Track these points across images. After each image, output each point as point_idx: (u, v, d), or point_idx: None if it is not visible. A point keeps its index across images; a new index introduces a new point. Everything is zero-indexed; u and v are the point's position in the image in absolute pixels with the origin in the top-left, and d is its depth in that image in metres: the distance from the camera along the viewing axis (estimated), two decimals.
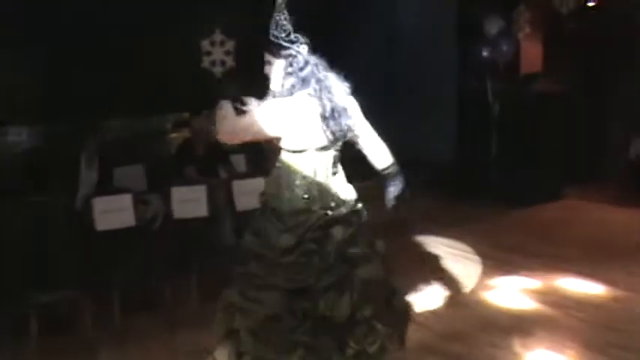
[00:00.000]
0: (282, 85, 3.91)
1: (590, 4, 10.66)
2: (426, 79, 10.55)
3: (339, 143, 3.97)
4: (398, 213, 4.14)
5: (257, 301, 3.84)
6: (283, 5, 3.87)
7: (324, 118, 3.85)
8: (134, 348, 5.49)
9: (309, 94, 3.87)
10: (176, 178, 6.73)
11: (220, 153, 7.37)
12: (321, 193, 3.88)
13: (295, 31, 3.91)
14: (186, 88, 8.53)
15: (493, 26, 9.76)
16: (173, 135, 8.65)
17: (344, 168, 4.07)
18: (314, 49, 3.99)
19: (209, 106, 7.46)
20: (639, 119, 10.08)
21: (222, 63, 9.03)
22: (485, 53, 9.86)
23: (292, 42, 3.89)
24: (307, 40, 3.95)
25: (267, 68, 4.01)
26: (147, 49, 8.18)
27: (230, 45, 8.98)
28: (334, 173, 3.98)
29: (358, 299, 3.86)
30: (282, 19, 3.86)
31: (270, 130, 3.84)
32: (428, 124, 10.61)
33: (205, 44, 8.99)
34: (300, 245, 3.80)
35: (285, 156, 3.91)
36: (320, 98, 3.86)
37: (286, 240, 3.80)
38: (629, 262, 7.23)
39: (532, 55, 10.34)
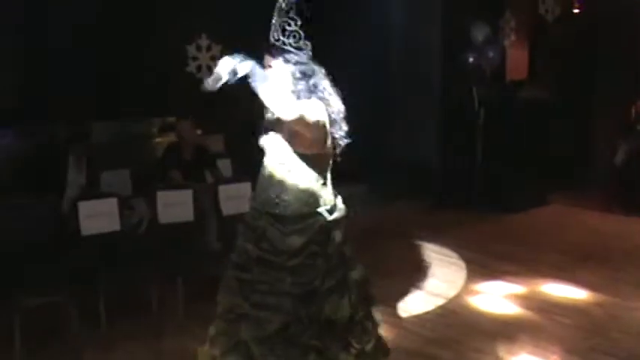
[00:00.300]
0: (294, 91, 3.86)
1: (575, 11, 10.75)
2: (413, 86, 10.57)
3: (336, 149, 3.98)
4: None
5: (265, 307, 3.82)
6: (287, 10, 3.87)
7: (333, 123, 3.87)
8: (120, 352, 5.48)
9: (320, 98, 3.86)
10: (162, 183, 6.71)
11: (207, 157, 7.37)
12: (323, 196, 3.89)
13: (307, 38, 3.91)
14: (172, 92, 8.53)
15: (479, 33, 9.81)
16: (159, 139, 8.64)
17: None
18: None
19: (194, 110, 7.53)
20: (625, 126, 10.12)
21: (209, 68, 9.03)
22: (471, 60, 9.90)
23: (301, 49, 3.89)
24: (311, 48, 3.94)
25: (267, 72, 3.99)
26: (134, 53, 8.18)
27: (217, 50, 8.97)
28: (328, 178, 3.98)
29: (355, 300, 3.90)
30: (293, 24, 3.86)
31: (321, 126, 3.80)
32: (414, 130, 10.63)
33: (191, 49, 8.98)
34: (306, 248, 3.80)
35: (293, 158, 3.86)
36: (329, 105, 3.86)
37: (293, 242, 3.80)
38: (613, 267, 7.29)
39: (518, 61, 10.42)
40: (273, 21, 3.90)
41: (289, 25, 3.86)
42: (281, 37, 3.87)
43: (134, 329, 5.83)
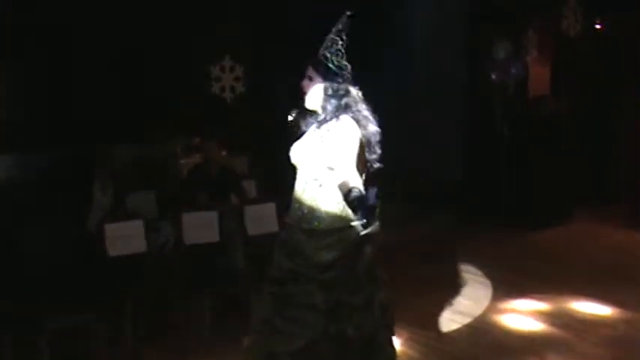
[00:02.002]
0: (323, 107, 3.96)
1: (597, 26, 10.73)
2: (436, 102, 10.58)
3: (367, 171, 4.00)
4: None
5: (295, 322, 3.87)
6: (343, 29, 3.95)
7: (366, 145, 3.92)
8: None
9: (353, 118, 3.92)
10: (187, 204, 6.75)
11: (232, 178, 7.40)
12: (352, 216, 3.90)
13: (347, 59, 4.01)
14: (196, 113, 8.59)
15: (502, 50, 9.82)
16: (184, 161, 8.69)
17: None
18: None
19: (219, 131, 7.57)
20: None
21: (232, 89, 9.09)
22: (494, 76, 9.91)
23: (341, 68, 3.96)
24: (351, 71, 4.03)
25: (305, 82, 4.06)
26: (158, 75, 8.25)
27: (240, 71, 9.03)
28: None
29: (378, 320, 3.91)
30: (340, 43, 3.93)
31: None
32: (438, 146, 10.63)
33: (215, 70, 9.04)
34: (339, 262, 3.84)
35: (326, 175, 3.90)
36: (361, 126, 3.91)
37: (326, 257, 3.84)
38: (637, 284, 7.23)
39: (540, 78, 10.39)
40: (328, 36, 4.01)
41: (336, 43, 3.94)
42: (326, 53, 3.97)
43: (161, 349, 5.87)
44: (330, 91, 3.96)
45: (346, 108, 3.93)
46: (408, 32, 10.89)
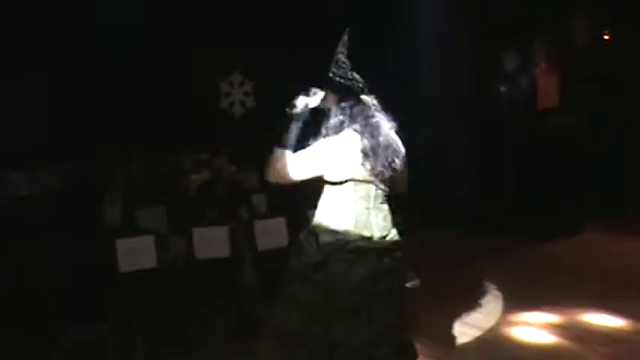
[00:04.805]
0: (332, 122, 4.01)
1: (606, 37, 10.72)
2: (444, 114, 10.59)
3: (383, 179, 3.99)
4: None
5: (287, 319, 3.93)
6: (344, 44, 3.99)
7: (364, 154, 3.90)
8: None
9: (354, 129, 3.94)
10: (197, 219, 6.77)
11: (241, 193, 7.42)
12: (357, 224, 3.92)
13: (354, 70, 4.04)
14: (206, 128, 8.61)
15: (510, 62, 9.83)
16: (194, 176, 8.72)
17: None
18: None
19: (228, 146, 7.60)
20: None
21: (242, 104, 9.12)
22: (502, 89, 9.92)
23: (349, 79, 4.00)
24: (362, 80, 4.07)
25: (323, 103, 4.10)
26: (168, 90, 8.28)
27: (249, 85, 9.06)
28: (378, 207, 4.01)
29: (373, 337, 3.87)
30: (342, 57, 3.98)
31: (315, 170, 3.96)
32: (447, 158, 10.63)
33: (224, 85, 9.07)
34: (329, 264, 3.85)
35: (326, 187, 3.99)
36: (363, 135, 3.92)
37: (317, 255, 3.89)
38: None
39: (549, 90, 10.37)
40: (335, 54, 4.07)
41: (339, 58, 4.03)
42: (333, 69, 4.02)
43: None
44: (341, 104, 4.01)
45: (352, 119, 3.96)
46: (414, 46, 10.90)
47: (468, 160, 10.63)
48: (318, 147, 3.98)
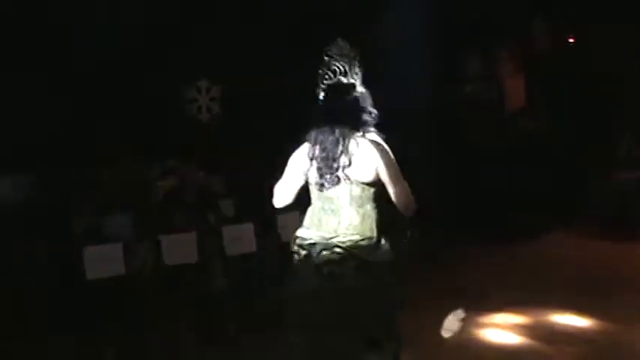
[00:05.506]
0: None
1: (570, 40, 10.84)
2: (408, 120, 10.62)
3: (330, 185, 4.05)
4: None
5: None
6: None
7: (310, 160, 4.06)
8: None
9: (307, 139, 4.11)
10: (166, 225, 6.75)
11: (209, 199, 7.40)
12: (312, 221, 4.10)
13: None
14: (173, 134, 8.58)
15: (475, 66, 9.90)
16: (161, 182, 8.67)
17: None
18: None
19: (196, 152, 7.58)
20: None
21: (208, 109, 9.09)
22: (467, 92, 9.98)
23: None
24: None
25: None
26: (134, 96, 8.24)
27: (216, 91, 9.03)
28: (332, 210, 4.08)
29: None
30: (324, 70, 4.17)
31: (282, 187, 4.23)
32: (412, 167, 10.64)
33: (191, 91, 9.03)
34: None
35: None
36: (313, 144, 4.07)
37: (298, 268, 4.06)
38: (617, 295, 7.25)
39: (514, 92, 10.47)
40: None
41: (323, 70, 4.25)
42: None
43: None
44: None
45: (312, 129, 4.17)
46: (376, 52, 10.91)
47: (433, 164, 10.66)
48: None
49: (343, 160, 4.02)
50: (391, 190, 4.04)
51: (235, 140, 8.98)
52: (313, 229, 4.06)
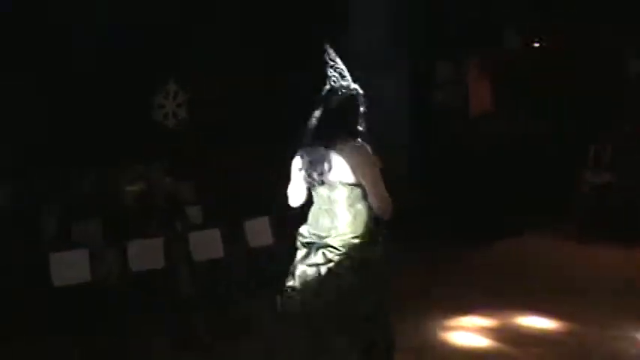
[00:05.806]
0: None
1: (536, 44, 10.92)
2: (379, 125, 10.63)
3: (338, 185, 4.18)
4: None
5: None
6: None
7: (299, 170, 4.29)
8: None
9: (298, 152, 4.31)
10: (133, 231, 6.73)
11: (177, 205, 7.38)
12: (312, 220, 4.28)
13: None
14: (140, 140, 8.54)
15: (442, 71, 9.94)
16: (129, 188, 8.63)
17: None
18: None
19: (164, 158, 7.56)
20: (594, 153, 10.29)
21: (175, 115, 9.06)
22: (436, 97, 10.02)
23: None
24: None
25: None
26: (102, 101, 8.20)
27: (184, 97, 9.00)
28: (327, 209, 4.22)
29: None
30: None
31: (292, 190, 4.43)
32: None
33: (158, 96, 9.00)
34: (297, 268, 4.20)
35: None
36: (302, 155, 4.27)
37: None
38: (585, 298, 7.29)
39: (482, 97, 10.52)
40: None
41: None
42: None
43: None
44: None
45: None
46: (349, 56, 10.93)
47: (402, 169, 10.68)
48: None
49: (326, 166, 4.17)
50: (368, 193, 4.17)
51: (203, 146, 8.95)
52: (312, 228, 4.24)
